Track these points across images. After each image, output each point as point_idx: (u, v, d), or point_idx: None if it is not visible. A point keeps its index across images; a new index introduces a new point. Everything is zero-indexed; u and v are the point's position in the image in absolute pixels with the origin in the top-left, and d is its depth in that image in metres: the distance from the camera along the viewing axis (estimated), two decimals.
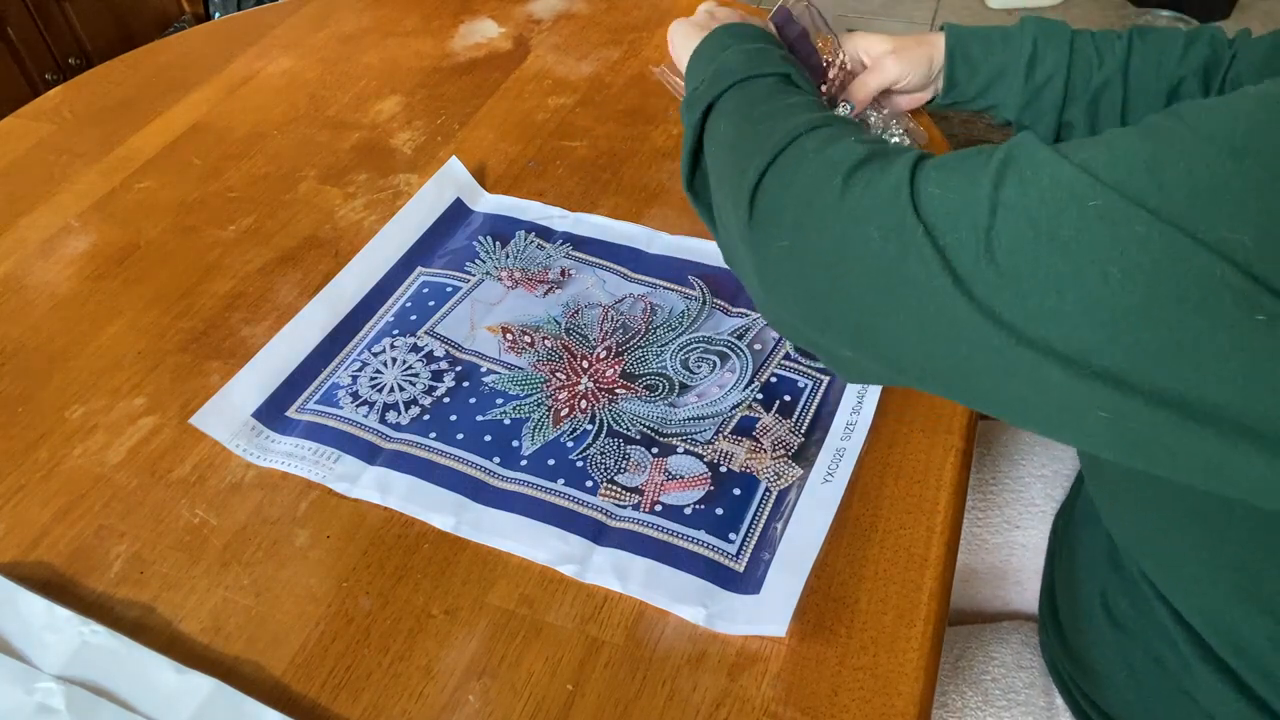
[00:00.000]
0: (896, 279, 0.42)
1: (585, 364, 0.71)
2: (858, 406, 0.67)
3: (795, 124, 0.52)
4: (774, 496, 0.63)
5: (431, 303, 0.77)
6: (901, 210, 0.42)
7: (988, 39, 0.74)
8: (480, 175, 0.90)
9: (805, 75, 0.62)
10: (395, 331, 0.75)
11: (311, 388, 0.71)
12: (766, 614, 0.56)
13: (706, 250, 0.81)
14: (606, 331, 0.74)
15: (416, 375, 0.71)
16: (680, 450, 0.66)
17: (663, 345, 0.73)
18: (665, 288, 0.78)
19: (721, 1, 0.79)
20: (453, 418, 0.68)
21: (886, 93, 0.78)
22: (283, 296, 0.79)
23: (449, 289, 0.78)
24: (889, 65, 0.75)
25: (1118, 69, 0.71)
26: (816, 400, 0.69)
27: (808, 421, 0.67)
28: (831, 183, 0.46)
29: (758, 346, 0.72)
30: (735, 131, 0.57)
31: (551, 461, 0.65)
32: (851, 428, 0.66)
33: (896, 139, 0.79)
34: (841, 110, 0.76)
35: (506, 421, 0.68)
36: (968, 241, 0.40)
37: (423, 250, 0.82)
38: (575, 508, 0.63)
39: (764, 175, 0.51)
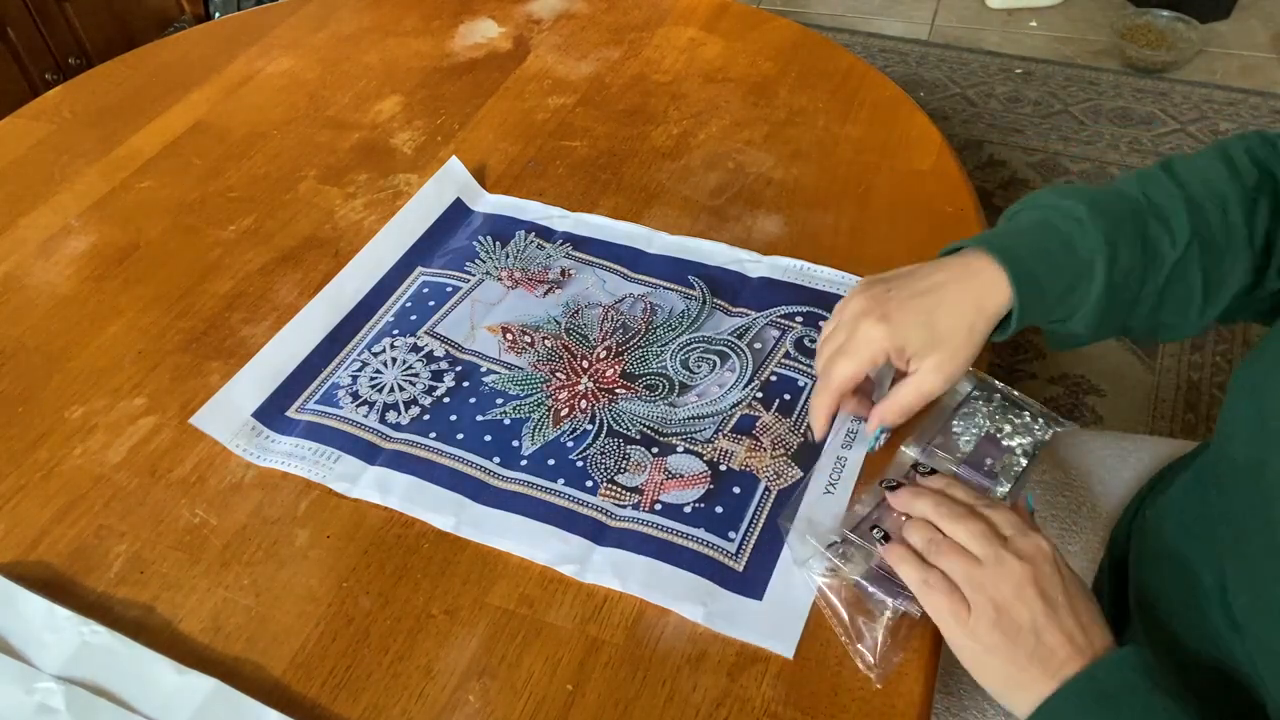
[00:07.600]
0: None
1: (585, 364, 0.71)
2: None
3: None
4: (774, 495, 0.63)
5: (431, 303, 0.77)
6: None
7: (1049, 255, 0.59)
8: (480, 175, 0.90)
9: None
10: (395, 331, 0.75)
11: (311, 388, 0.71)
12: (773, 629, 0.56)
13: (706, 250, 0.81)
14: (606, 331, 0.74)
15: (416, 375, 0.71)
16: (680, 449, 0.66)
17: (663, 345, 0.73)
18: (665, 287, 0.78)
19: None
20: (453, 418, 0.68)
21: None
22: (283, 296, 0.79)
23: (449, 289, 0.78)
24: (930, 376, 0.60)
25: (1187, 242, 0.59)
26: None
27: (807, 420, 0.67)
28: None
29: (757, 346, 0.72)
30: None
31: (551, 461, 0.65)
32: (853, 435, 0.66)
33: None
34: (868, 441, 0.64)
35: (506, 421, 0.68)
36: None
37: (423, 250, 0.82)
38: (575, 508, 0.63)
39: None
